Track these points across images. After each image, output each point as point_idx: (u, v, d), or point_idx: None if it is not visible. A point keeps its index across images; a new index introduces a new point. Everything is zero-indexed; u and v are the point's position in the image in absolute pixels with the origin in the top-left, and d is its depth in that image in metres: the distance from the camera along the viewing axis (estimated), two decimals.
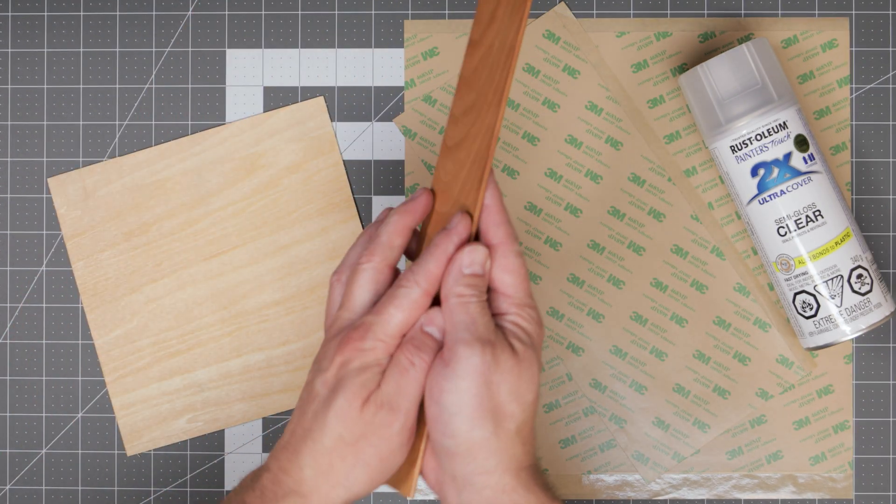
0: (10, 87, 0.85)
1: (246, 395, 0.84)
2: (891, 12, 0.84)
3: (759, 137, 0.78)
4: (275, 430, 0.84)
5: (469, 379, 0.66)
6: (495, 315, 0.69)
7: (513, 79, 0.69)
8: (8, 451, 0.84)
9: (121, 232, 0.84)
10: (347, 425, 0.67)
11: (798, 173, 0.78)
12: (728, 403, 0.83)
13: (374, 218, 0.84)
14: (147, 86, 0.85)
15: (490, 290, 0.70)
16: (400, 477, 0.70)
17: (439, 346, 0.68)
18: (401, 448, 0.67)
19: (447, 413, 0.66)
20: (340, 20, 0.85)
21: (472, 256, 0.68)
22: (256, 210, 0.84)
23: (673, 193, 0.84)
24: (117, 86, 0.85)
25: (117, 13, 0.85)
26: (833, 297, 0.78)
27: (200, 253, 0.84)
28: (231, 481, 0.84)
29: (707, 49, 0.84)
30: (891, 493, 0.84)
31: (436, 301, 0.69)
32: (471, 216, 0.69)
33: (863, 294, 0.78)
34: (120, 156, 0.85)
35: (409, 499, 0.70)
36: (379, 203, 0.84)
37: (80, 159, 0.85)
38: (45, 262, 0.85)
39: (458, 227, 0.69)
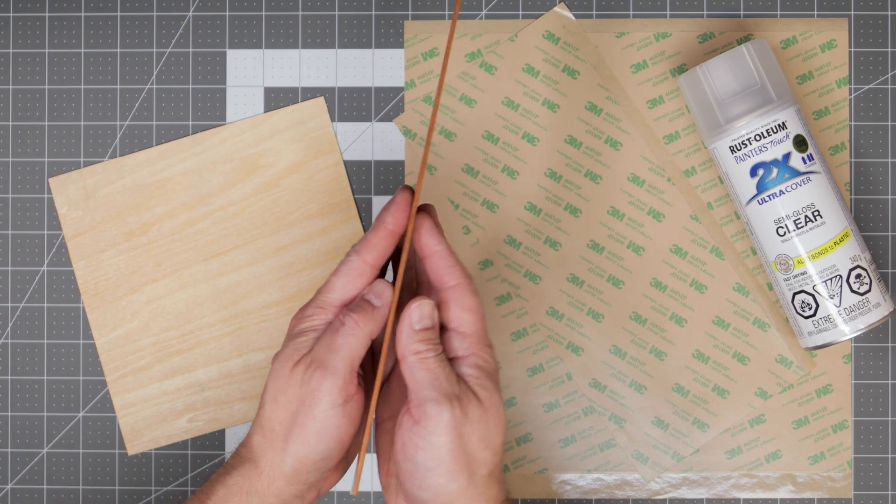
0: (11, 87, 0.85)
1: (246, 394, 0.84)
2: (889, 13, 0.84)
3: (758, 138, 0.78)
4: None
5: (442, 436, 0.67)
6: (454, 359, 0.70)
7: (443, 83, 0.70)
8: (9, 450, 0.85)
9: (121, 232, 0.84)
10: (280, 386, 0.69)
11: (797, 173, 0.78)
12: (727, 403, 0.84)
13: (373, 218, 0.85)
14: (148, 86, 0.85)
15: (448, 331, 0.71)
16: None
17: (376, 313, 0.69)
18: (334, 410, 0.68)
19: (423, 469, 0.68)
20: (340, 21, 0.85)
21: (421, 311, 0.69)
22: (257, 210, 0.84)
23: (672, 193, 0.84)
24: (118, 86, 0.85)
25: (118, 14, 0.85)
26: (832, 296, 0.78)
27: (201, 253, 0.84)
28: None
29: (706, 49, 0.84)
30: (889, 493, 0.84)
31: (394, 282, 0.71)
32: (411, 189, 0.70)
33: (861, 294, 0.78)
34: (121, 156, 0.85)
35: (353, 495, 0.71)
36: (379, 203, 0.85)
37: (81, 159, 0.85)
38: (46, 262, 0.85)
39: (396, 198, 0.70)
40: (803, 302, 0.79)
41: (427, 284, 0.72)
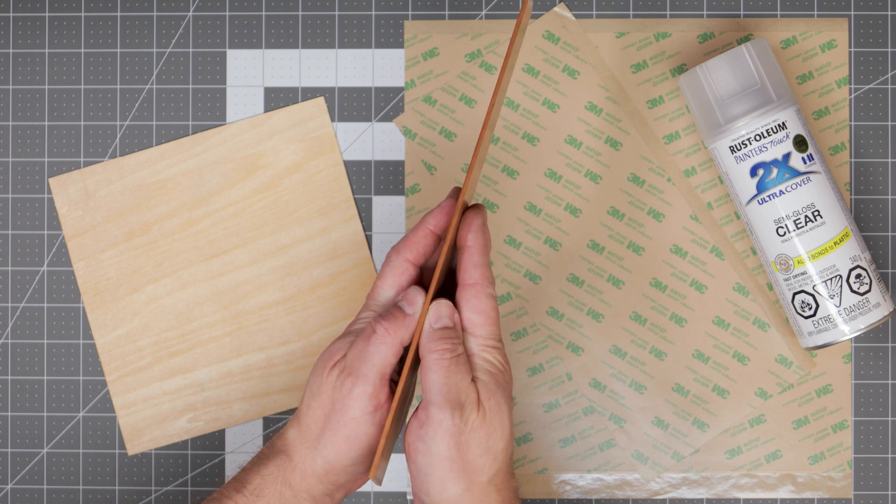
0: (11, 87, 0.85)
1: (247, 394, 0.84)
2: (889, 13, 0.84)
3: (758, 138, 0.78)
4: (275, 430, 0.85)
5: (440, 442, 0.67)
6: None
7: (505, 76, 0.69)
8: (9, 450, 0.85)
9: (122, 232, 0.84)
10: (319, 386, 0.69)
11: (797, 173, 0.78)
12: (727, 403, 0.84)
13: (373, 218, 0.85)
14: (148, 86, 0.85)
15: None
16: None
17: (407, 320, 0.69)
18: (364, 417, 0.68)
19: (422, 473, 0.68)
20: (340, 21, 0.85)
21: (438, 310, 0.69)
22: (257, 210, 0.84)
23: (672, 193, 0.84)
24: (118, 86, 0.85)
25: (118, 14, 0.85)
26: (832, 296, 0.78)
27: (201, 253, 0.84)
28: None
29: (706, 49, 0.84)
30: (889, 493, 0.84)
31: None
32: (456, 195, 0.70)
33: (861, 294, 0.79)
34: (121, 156, 0.85)
35: (377, 485, 0.71)
36: (379, 203, 0.85)
37: (82, 159, 0.85)
38: (46, 262, 0.85)
39: (443, 203, 0.71)
40: (803, 302, 0.79)
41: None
